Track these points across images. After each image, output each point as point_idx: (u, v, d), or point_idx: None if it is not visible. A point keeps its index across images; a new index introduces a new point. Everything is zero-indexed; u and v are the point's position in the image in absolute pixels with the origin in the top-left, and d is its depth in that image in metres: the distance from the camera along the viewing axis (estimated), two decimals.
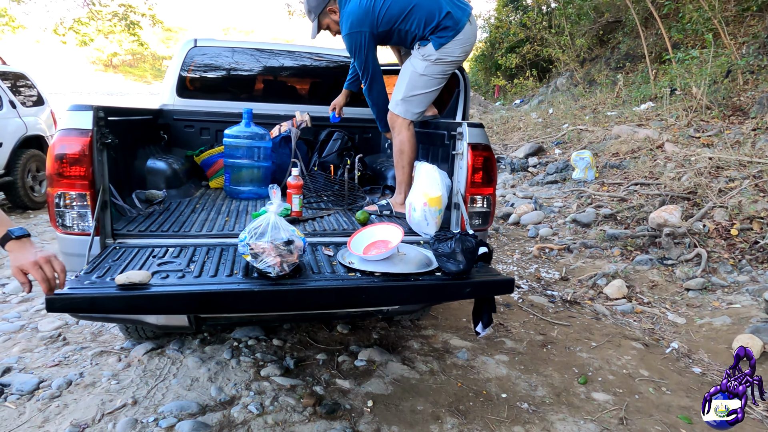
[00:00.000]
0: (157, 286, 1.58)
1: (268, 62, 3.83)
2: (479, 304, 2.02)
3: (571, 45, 13.68)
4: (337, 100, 3.18)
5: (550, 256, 5.15)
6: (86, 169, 1.92)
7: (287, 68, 3.87)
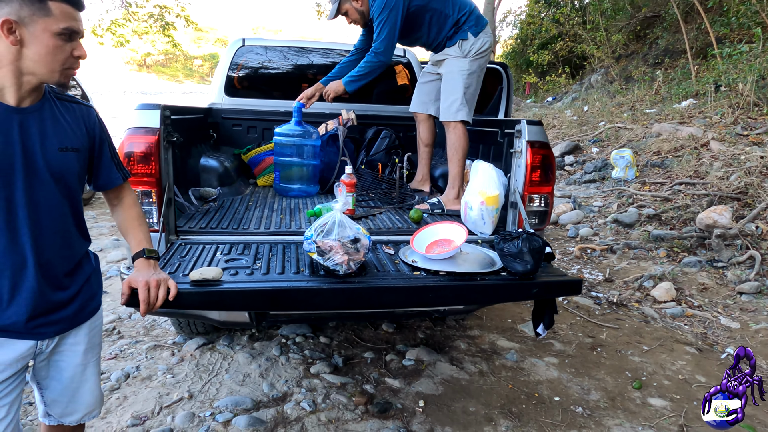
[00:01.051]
0: (229, 282, 1.60)
1: (314, 60, 3.85)
2: (541, 305, 1.98)
3: (606, 41, 13.37)
4: (309, 92, 3.08)
5: (592, 256, 5.04)
6: (153, 166, 1.95)
7: (331, 66, 3.87)
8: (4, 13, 1.15)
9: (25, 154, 1.23)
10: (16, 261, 1.25)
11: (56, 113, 1.31)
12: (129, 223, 1.52)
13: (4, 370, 1.28)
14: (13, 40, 1.16)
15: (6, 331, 1.27)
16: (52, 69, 1.22)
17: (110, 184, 1.50)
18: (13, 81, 1.20)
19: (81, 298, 1.42)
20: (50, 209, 1.29)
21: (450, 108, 2.83)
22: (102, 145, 1.45)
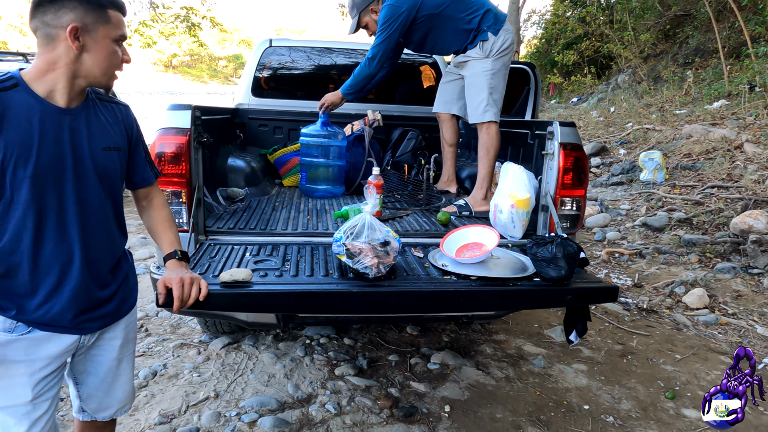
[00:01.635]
0: (259, 284, 1.59)
1: (340, 61, 3.84)
2: (573, 312, 1.93)
3: (634, 40, 13.09)
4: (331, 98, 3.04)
5: (621, 261, 4.92)
6: (184, 166, 1.96)
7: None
8: (69, 19, 1.18)
9: (74, 154, 1.26)
10: (64, 257, 1.28)
11: (98, 114, 1.34)
12: (160, 224, 1.53)
13: (50, 363, 1.32)
14: (77, 46, 1.20)
15: (53, 326, 1.30)
16: (106, 73, 1.27)
17: (143, 183, 1.52)
18: (66, 83, 1.23)
19: (121, 293, 1.45)
20: (96, 208, 1.33)
21: (477, 109, 2.79)
22: (137, 143, 1.48)
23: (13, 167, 1.17)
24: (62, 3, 1.18)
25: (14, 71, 1.24)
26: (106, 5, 1.24)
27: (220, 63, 47.58)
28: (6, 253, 1.22)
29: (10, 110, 1.17)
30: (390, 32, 2.73)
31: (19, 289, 1.25)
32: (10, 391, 1.27)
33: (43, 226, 1.24)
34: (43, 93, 1.22)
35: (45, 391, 1.32)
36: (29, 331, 1.28)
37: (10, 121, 1.16)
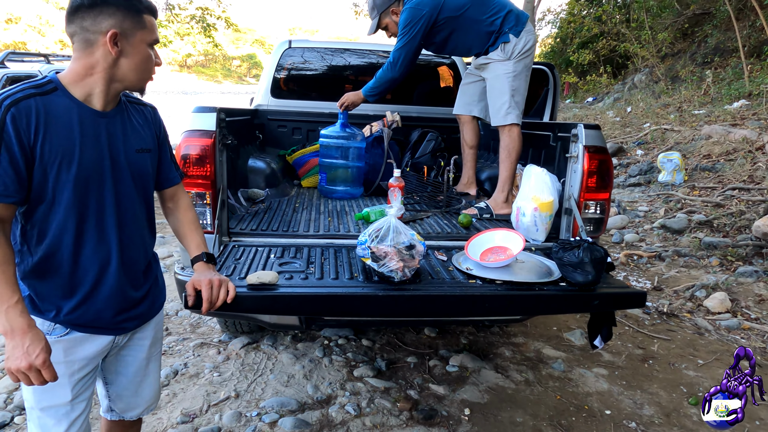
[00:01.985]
0: (285, 287, 1.59)
1: (359, 62, 3.84)
2: (599, 317, 1.91)
3: (651, 39, 12.92)
4: (352, 97, 3.04)
5: (639, 263, 4.86)
6: (208, 168, 1.97)
7: (377, 68, 3.86)
8: (109, 24, 1.20)
9: (112, 157, 1.28)
10: (102, 259, 1.29)
11: (131, 116, 1.36)
12: (186, 226, 1.54)
13: (87, 364, 1.34)
14: (116, 51, 1.21)
15: (91, 327, 1.32)
16: (142, 77, 1.29)
17: (168, 183, 1.52)
18: (103, 87, 1.24)
19: (152, 293, 1.47)
20: (131, 209, 1.35)
21: (499, 112, 2.77)
22: (164, 143, 1.49)
23: (56, 171, 1.18)
24: (101, 9, 1.19)
25: (51, 74, 1.25)
26: (142, 10, 1.25)
27: (234, 63, 47.91)
28: (47, 255, 1.24)
29: (51, 114, 1.18)
30: (412, 35, 2.73)
31: (59, 290, 1.27)
32: (51, 392, 1.29)
33: (84, 228, 1.25)
34: (81, 96, 1.23)
35: (83, 391, 1.35)
36: (67, 333, 1.29)
37: (52, 125, 1.17)
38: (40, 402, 1.32)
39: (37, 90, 1.18)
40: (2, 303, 1.13)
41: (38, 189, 1.19)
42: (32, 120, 1.15)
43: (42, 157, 1.16)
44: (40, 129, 1.16)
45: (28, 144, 1.15)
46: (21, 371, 1.13)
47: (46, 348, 1.16)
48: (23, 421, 2.32)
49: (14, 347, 1.13)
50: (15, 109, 1.13)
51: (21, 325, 1.13)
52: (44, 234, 1.23)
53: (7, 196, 1.14)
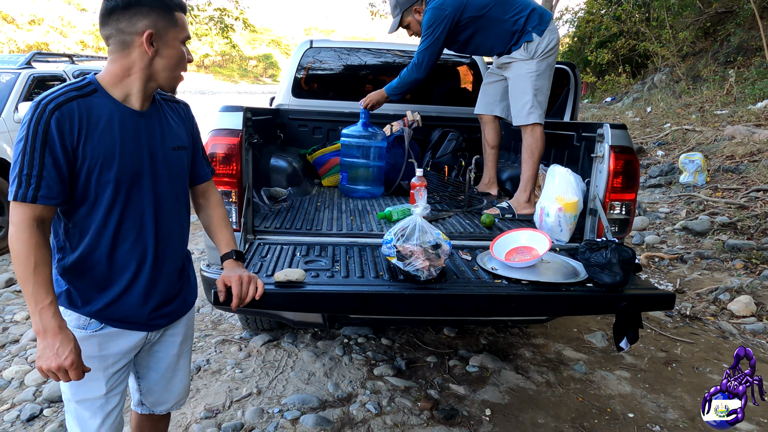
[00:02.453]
0: (312, 285, 1.61)
1: (379, 62, 3.85)
2: (625, 319, 1.89)
3: (672, 38, 12.73)
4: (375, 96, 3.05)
5: (660, 265, 4.80)
6: (235, 167, 2.00)
7: (397, 68, 3.87)
8: (144, 25, 1.21)
9: (151, 155, 1.30)
10: (139, 256, 1.32)
11: (166, 114, 1.38)
12: (216, 223, 1.55)
13: (121, 359, 1.37)
14: (152, 51, 1.23)
15: (126, 322, 1.34)
16: (176, 74, 1.31)
17: (200, 180, 1.54)
18: (141, 87, 1.26)
19: (184, 291, 1.49)
20: (168, 207, 1.36)
21: (521, 111, 2.76)
22: (197, 140, 1.51)
23: (98, 171, 1.20)
24: (136, 10, 1.21)
25: (90, 76, 1.27)
26: (173, 8, 1.26)
27: (250, 63, 48.31)
28: (86, 252, 1.27)
29: (92, 115, 1.20)
30: (435, 36, 2.72)
31: (95, 286, 1.30)
32: (86, 385, 1.32)
33: (122, 226, 1.28)
34: (120, 97, 1.25)
35: (116, 385, 1.38)
36: (102, 328, 1.32)
37: (93, 126, 1.19)
38: (76, 395, 1.35)
39: (78, 92, 1.20)
40: (37, 304, 1.15)
41: (81, 190, 1.21)
42: (75, 122, 1.17)
43: (84, 158, 1.19)
44: (83, 131, 1.18)
45: (72, 146, 1.17)
46: (51, 371, 1.16)
47: (75, 350, 1.18)
48: (52, 413, 2.37)
49: (45, 347, 1.15)
50: (59, 113, 1.15)
51: (53, 326, 1.16)
52: (85, 232, 1.26)
53: (51, 198, 1.16)
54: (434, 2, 2.74)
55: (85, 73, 5.86)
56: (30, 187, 1.13)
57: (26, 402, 2.44)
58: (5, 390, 2.57)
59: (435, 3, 2.73)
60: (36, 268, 1.15)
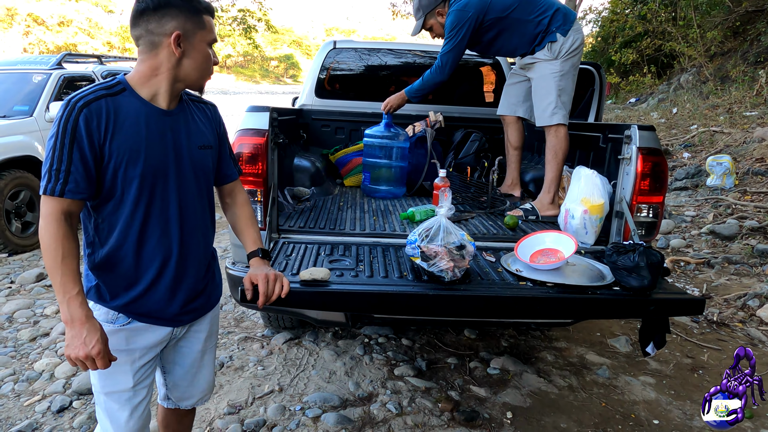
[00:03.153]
0: (336, 284, 1.62)
1: (402, 62, 3.86)
2: (652, 323, 1.86)
3: (699, 38, 12.44)
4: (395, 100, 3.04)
5: (686, 270, 4.70)
6: (260, 166, 2.02)
7: (420, 68, 3.87)
8: (172, 26, 1.24)
9: (176, 154, 1.33)
10: (164, 252, 1.35)
11: (193, 114, 1.40)
12: (243, 222, 1.58)
13: (148, 353, 1.40)
14: (179, 51, 1.26)
15: (152, 317, 1.37)
16: (202, 75, 1.33)
17: (227, 179, 1.56)
18: (168, 87, 1.29)
19: (209, 288, 1.52)
20: (193, 204, 1.39)
21: (545, 112, 2.73)
22: (223, 140, 1.53)
23: (124, 168, 1.24)
24: (165, 11, 1.24)
25: (120, 76, 1.31)
26: (201, 11, 1.29)
27: (271, 63, 48.77)
28: (114, 247, 1.30)
29: (120, 114, 1.24)
30: (459, 38, 2.72)
31: (122, 282, 1.33)
32: (114, 377, 1.36)
33: (148, 223, 1.31)
34: (148, 96, 1.29)
35: (143, 378, 1.41)
36: (129, 323, 1.36)
37: (121, 124, 1.23)
38: (105, 387, 1.38)
39: (107, 91, 1.24)
40: (65, 294, 1.19)
41: (108, 186, 1.25)
42: (102, 120, 1.20)
43: (111, 155, 1.22)
44: (110, 128, 1.21)
45: (99, 143, 1.21)
46: (79, 359, 1.19)
47: (101, 339, 1.21)
48: (81, 405, 2.43)
49: (73, 336, 1.19)
50: (87, 110, 1.19)
51: (80, 315, 1.19)
52: (113, 227, 1.29)
53: (77, 193, 1.20)
54: (457, 4, 2.73)
55: (114, 73, 5.99)
56: (58, 181, 1.18)
57: (56, 394, 2.51)
58: (36, 382, 2.65)
59: (458, 5, 2.72)
60: (63, 260, 1.19)
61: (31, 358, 2.89)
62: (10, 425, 2.30)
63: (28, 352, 2.95)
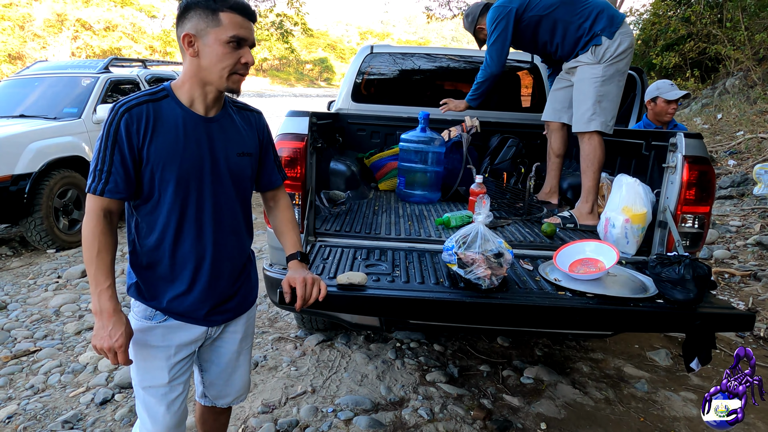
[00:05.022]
0: (373, 288, 1.63)
1: (438, 67, 3.86)
2: (697, 338, 1.79)
3: (746, 41, 11.96)
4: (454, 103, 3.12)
5: (731, 282, 4.52)
6: (299, 170, 2.06)
7: (456, 73, 3.86)
8: (184, 29, 1.28)
9: (213, 159, 1.36)
10: (199, 255, 1.38)
11: (235, 121, 1.43)
12: (284, 225, 1.60)
13: (182, 350, 1.45)
14: (192, 52, 1.28)
15: (186, 317, 1.42)
16: (220, 75, 1.29)
17: (271, 185, 1.59)
18: (200, 92, 1.33)
19: (243, 290, 1.54)
20: (229, 209, 1.42)
21: (582, 118, 2.67)
22: (267, 148, 1.55)
23: (161, 171, 1.29)
24: (184, 15, 1.28)
25: (166, 83, 1.37)
26: (217, 9, 1.26)
27: (306, 66, 49.44)
28: (152, 247, 1.36)
29: (160, 119, 1.29)
30: (499, 31, 2.73)
31: (160, 281, 1.39)
32: (151, 373, 1.42)
33: (183, 225, 1.35)
34: (187, 102, 1.34)
35: (179, 375, 1.45)
36: (165, 320, 1.41)
37: (159, 128, 1.28)
38: (142, 382, 1.44)
39: (150, 97, 1.30)
40: (97, 286, 1.27)
41: (147, 187, 1.31)
42: (142, 124, 1.26)
43: (149, 158, 1.28)
44: (149, 132, 1.27)
45: (137, 146, 1.27)
46: (103, 350, 1.27)
47: (125, 333, 1.28)
48: (122, 398, 2.51)
49: (100, 327, 1.27)
50: (128, 115, 1.25)
51: (108, 308, 1.27)
52: (152, 228, 1.35)
53: (117, 193, 1.27)
54: (497, 2, 2.74)
55: (157, 76, 6.19)
56: (100, 181, 1.26)
57: (99, 386, 2.61)
58: (81, 374, 2.75)
59: (497, 2, 2.73)
60: (99, 254, 1.26)
61: (76, 350, 3.01)
62: (57, 415, 2.40)
63: (74, 345, 3.07)
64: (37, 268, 4.49)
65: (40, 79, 5.74)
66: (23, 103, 5.40)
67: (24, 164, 4.49)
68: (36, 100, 5.45)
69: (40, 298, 3.83)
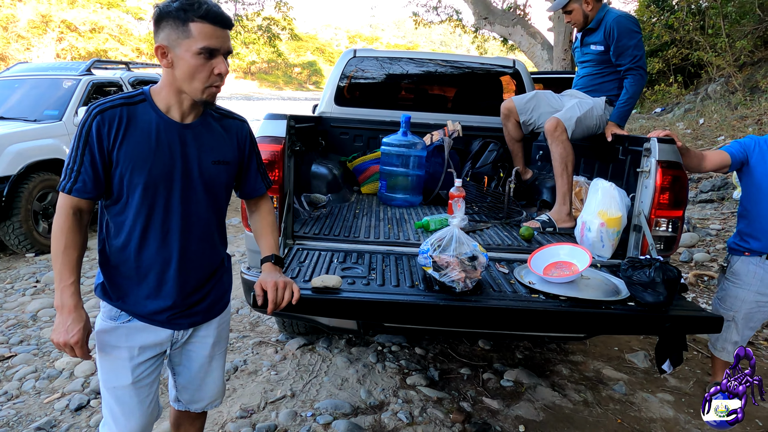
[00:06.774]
0: (347, 291, 1.63)
1: (421, 71, 3.87)
2: (668, 340, 1.82)
3: (728, 47, 12.18)
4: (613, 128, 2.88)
5: (710, 285, 4.58)
6: (277, 173, 2.05)
7: (439, 78, 3.88)
8: (159, 39, 1.28)
9: (185, 166, 1.36)
10: (164, 259, 1.38)
11: (213, 128, 1.43)
12: (264, 229, 1.60)
13: (146, 351, 1.44)
14: (166, 63, 1.29)
15: (150, 319, 1.42)
16: (195, 87, 1.29)
17: (253, 194, 1.59)
18: (175, 99, 1.33)
19: (213, 295, 1.53)
20: (199, 217, 1.42)
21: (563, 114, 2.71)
22: (251, 157, 1.54)
23: (129, 174, 1.29)
24: (158, 26, 1.28)
25: (146, 87, 1.37)
26: (188, 20, 1.24)
27: (294, 70, 49.39)
28: (119, 248, 1.36)
29: (133, 122, 1.29)
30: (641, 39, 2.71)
31: (125, 282, 1.39)
32: (115, 372, 1.42)
33: (149, 229, 1.35)
34: (164, 108, 1.34)
35: (143, 377, 1.45)
36: (129, 321, 1.41)
37: (132, 132, 1.29)
38: (107, 382, 1.44)
39: (126, 100, 1.31)
40: (61, 281, 1.28)
41: (116, 189, 1.32)
42: (114, 127, 1.27)
43: (119, 160, 1.28)
44: (120, 135, 1.27)
45: (108, 148, 1.27)
46: (59, 344, 1.29)
47: (83, 330, 1.29)
48: (98, 404, 2.48)
49: (60, 323, 1.29)
50: (100, 117, 1.27)
51: (69, 304, 1.28)
52: (119, 229, 1.36)
53: (85, 192, 1.29)
54: (626, 14, 2.75)
55: (143, 79, 6.14)
56: (69, 180, 1.28)
57: (75, 392, 2.57)
58: (57, 380, 2.71)
59: (629, 15, 2.74)
60: (65, 250, 1.28)
61: (52, 356, 2.97)
62: (30, 421, 2.36)
63: (50, 351, 3.03)
64: (14, 272, 4.43)
65: (21, 80, 5.67)
66: (3, 105, 5.33)
67: (3, 167, 4.42)
68: (16, 102, 5.38)
69: (17, 302, 3.77)
